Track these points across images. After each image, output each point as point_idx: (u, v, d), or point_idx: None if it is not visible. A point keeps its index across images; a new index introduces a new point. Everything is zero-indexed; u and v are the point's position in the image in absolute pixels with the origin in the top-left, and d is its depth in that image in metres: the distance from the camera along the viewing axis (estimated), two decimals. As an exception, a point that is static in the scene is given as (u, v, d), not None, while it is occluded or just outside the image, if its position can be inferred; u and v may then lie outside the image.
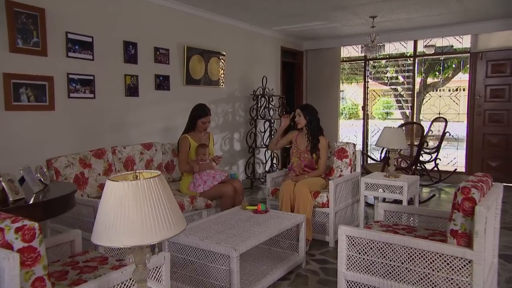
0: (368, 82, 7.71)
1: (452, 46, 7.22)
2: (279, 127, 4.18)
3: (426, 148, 6.07)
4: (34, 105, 3.53)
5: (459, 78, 8.55)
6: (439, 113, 7.13)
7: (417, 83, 7.47)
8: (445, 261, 2.01)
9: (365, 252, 2.23)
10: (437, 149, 6.03)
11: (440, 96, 7.50)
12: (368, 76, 7.72)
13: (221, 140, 5.86)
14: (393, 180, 3.71)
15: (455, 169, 6.52)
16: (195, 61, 5.24)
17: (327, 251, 3.56)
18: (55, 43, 3.68)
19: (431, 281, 2.05)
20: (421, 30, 6.62)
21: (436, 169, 6.22)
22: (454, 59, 9.12)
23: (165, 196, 1.34)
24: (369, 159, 6.89)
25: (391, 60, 8.00)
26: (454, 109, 7.34)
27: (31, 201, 2.28)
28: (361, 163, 4.70)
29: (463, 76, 7.96)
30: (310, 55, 7.83)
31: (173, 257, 2.63)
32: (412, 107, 7.25)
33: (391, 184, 3.68)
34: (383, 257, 2.17)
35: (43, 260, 1.38)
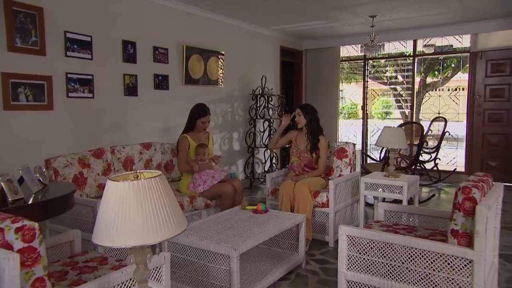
0: (368, 81, 7.70)
1: (452, 45, 7.21)
2: (279, 126, 4.17)
3: (426, 148, 6.06)
4: (32, 104, 3.52)
5: (459, 77, 8.56)
6: (438, 113, 7.13)
7: (416, 82, 7.47)
8: (446, 261, 2.01)
9: (365, 252, 2.23)
10: (437, 148, 6.02)
11: (439, 96, 7.50)
12: (368, 75, 7.71)
13: (220, 140, 5.85)
14: (393, 180, 3.70)
15: (454, 169, 6.51)
16: (194, 61, 5.22)
17: (327, 251, 3.56)
18: (54, 42, 3.67)
19: (431, 281, 2.05)
20: (420, 30, 6.61)
21: (435, 168, 6.22)
22: (454, 58, 9.12)
23: (166, 196, 1.33)
24: (368, 158, 6.88)
25: (391, 59, 8.00)
26: (453, 109, 7.33)
27: (30, 201, 2.27)
28: (361, 163, 4.69)
29: (462, 75, 7.96)
30: (309, 54, 7.82)
31: (172, 257, 2.62)
32: (411, 106, 7.25)
33: (391, 184, 3.67)
34: (384, 257, 2.17)
35: (43, 261, 1.37)
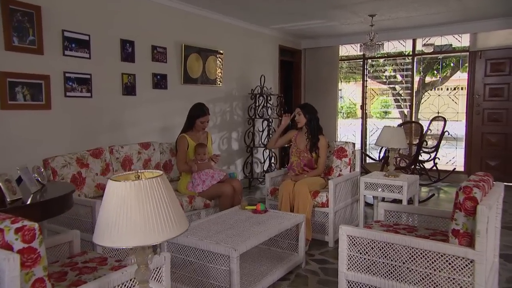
0: (367, 81, 7.69)
1: (451, 45, 7.21)
2: (279, 126, 4.15)
3: (425, 148, 6.06)
4: (30, 104, 3.49)
5: (458, 77, 8.56)
6: (438, 112, 7.12)
7: (415, 82, 7.46)
8: (447, 261, 2.00)
9: (366, 252, 2.22)
10: (436, 148, 6.01)
11: (439, 95, 7.49)
12: (367, 75, 7.70)
13: (219, 140, 5.83)
14: (392, 179, 3.69)
15: (454, 169, 6.52)
16: (192, 60, 5.20)
17: (326, 251, 3.54)
18: (52, 41, 3.64)
19: (432, 281, 2.04)
20: (420, 29, 6.60)
21: (435, 168, 6.21)
22: (453, 58, 9.12)
23: (168, 196, 1.33)
24: (368, 158, 6.87)
25: (390, 59, 7.99)
26: (453, 108, 7.33)
27: (28, 202, 2.25)
28: (360, 162, 4.68)
29: (462, 75, 7.96)
30: (308, 53, 7.80)
31: (172, 257, 2.61)
32: (410, 106, 7.24)
33: (391, 184, 3.67)
34: (384, 257, 2.16)
35: (43, 261, 1.37)
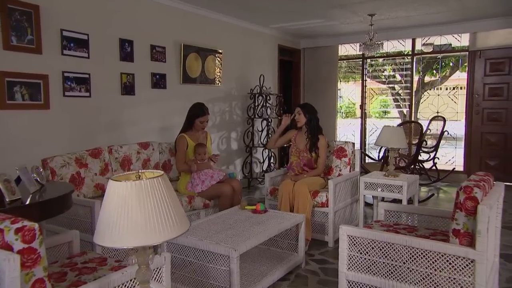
0: (366, 80, 7.68)
1: (451, 44, 7.21)
2: (280, 125, 4.13)
3: (425, 147, 6.05)
4: (28, 103, 3.47)
5: (457, 76, 8.55)
6: (437, 112, 7.12)
7: (414, 81, 7.46)
8: (448, 260, 2.00)
9: (366, 252, 2.21)
10: (435, 148, 6.01)
11: (438, 95, 7.49)
12: (366, 74, 7.69)
13: (218, 140, 5.82)
14: (392, 179, 3.68)
15: (453, 168, 6.51)
16: (191, 59, 5.19)
17: (326, 251, 3.54)
18: (50, 40, 3.62)
19: (433, 281, 2.03)
20: (419, 28, 6.59)
21: (434, 168, 6.21)
22: (452, 57, 9.12)
23: (169, 196, 1.32)
24: (367, 158, 6.86)
25: (389, 58, 7.98)
26: (452, 108, 7.33)
27: (27, 202, 2.24)
28: (360, 162, 4.67)
29: (461, 74, 7.96)
30: (307, 53, 7.79)
31: (172, 257, 2.60)
32: (409, 105, 7.24)
33: (390, 184, 3.66)
34: (385, 257, 2.15)
35: (43, 262, 1.36)
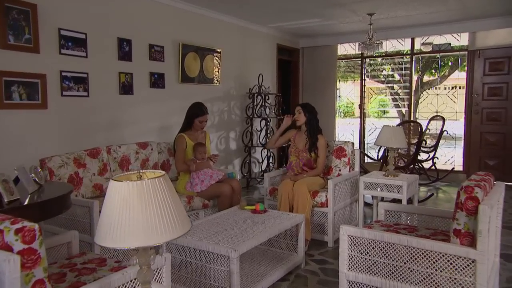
0: (365, 80, 7.67)
1: (450, 43, 7.20)
2: (280, 126, 4.10)
3: (424, 147, 6.05)
4: (26, 103, 3.45)
5: (457, 76, 8.54)
6: (436, 112, 7.11)
7: (413, 81, 7.45)
8: (448, 260, 1.99)
9: (367, 252, 2.20)
10: (435, 147, 6.00)
11: (437, 94, 7.48)
12: (365, 74, 7.68)
13: (216, 139, 5.80)
14: (392, 179, 3.67)
15: (452, 168, 6.51)
16: (190, 59, 5.17)
17: (326, 251, 3.52)
18: (48, 39, 3.60)
19: (434, 281, 2.02)
20: (419, 28, 6.59)
21: (433, 168, 6.20)
22: (451, 57, 9.12)
23: (170, 196, 1.31)
24: (366, 158, 6.86)
25: (388, 58, 7.97)
26: (451, 107, 7.32)
27: (26, 202, 2.22)
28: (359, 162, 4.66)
29: (460, 74, 7.95)
30: (306, 52, 7.77)
31: (171, 258, 2.58)
32: (408, 105, 7.23)
33: (390, 183, 3.65)
34: (385, 257, 2.14)
35: (44, 262, 1.35)
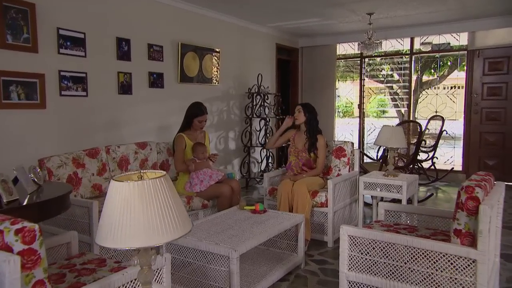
0: (364, 80, 7.67)
1: (449, 43, 7.20)
2: (281, 126, 4.08)
3: (423, 147, 6.04)
4: (24, 103, 3.43)
5: (456, 75, 8.53)
6: (435, 111, 7.11)
7: (413, 80, 7.45)
8: (449, 261, 1.99)
9: (367, 252, 2.19)
10: (434, 147, 6.00)
11: (436, 94, 7.48)
12: (364, 73, 7.68)
13: (215, 139, 5.79)
14: (392, 179, 3.67)
15: (452, 168, 6.50)
16: (189, 58, 5.15)
17: (325, 252, 3.52)
18: (46, 39, 3.58)
19: (434, 281, 2.02)
20: (418, 27, 6.59)
21: (433, 167, 6.20)
22: (450, 56, 9.12)
23: (171, 196, 1.30)
24: (365, 158, 6.85)
25: (387, 57, 7.97)
26: (450, 107, 7.32)
27: (25, 202, 2.21)
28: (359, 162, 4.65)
29: (459, 73, 7.95)
30: (305, 52, 7.77)
31: (171, 258, 2.57)
32: (408, 105, 7.23)
33: (390, 183, 3.64)
34: (386, 257, 2.14)
35: (44, 263, 1.34)
